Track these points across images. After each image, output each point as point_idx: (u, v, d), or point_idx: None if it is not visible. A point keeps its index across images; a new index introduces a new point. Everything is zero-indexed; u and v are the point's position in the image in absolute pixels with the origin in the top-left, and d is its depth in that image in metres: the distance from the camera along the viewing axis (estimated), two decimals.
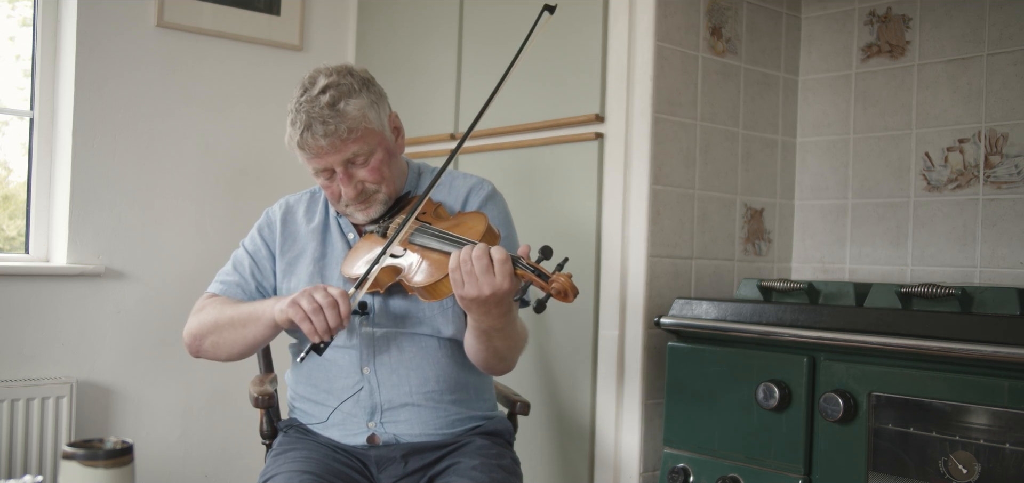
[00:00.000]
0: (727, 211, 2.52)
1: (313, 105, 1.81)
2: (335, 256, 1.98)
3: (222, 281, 2.02)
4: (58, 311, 2.84)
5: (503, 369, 1.91)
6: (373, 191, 1.90)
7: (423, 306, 1.90)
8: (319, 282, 1.94)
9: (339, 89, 1.83)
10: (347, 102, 1.82)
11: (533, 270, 1.59)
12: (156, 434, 3.01)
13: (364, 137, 1.84)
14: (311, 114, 1.81)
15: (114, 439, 1.29)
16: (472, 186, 2.00)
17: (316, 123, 1.80)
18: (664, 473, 2.18)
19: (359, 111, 1.83)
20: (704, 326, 2.14)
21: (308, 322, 1.72)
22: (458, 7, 2.86)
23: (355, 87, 1.85)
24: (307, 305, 1.72)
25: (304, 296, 1.73)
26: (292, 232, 2.02)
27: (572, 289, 1.56)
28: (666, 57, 2.35)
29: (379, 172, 1.88)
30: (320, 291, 1.73)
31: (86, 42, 2.87)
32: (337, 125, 1.80)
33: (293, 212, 2.05)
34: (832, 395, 1.88)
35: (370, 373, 1.90)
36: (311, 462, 1.83)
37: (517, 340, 1.84)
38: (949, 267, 2.39)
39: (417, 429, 1.91)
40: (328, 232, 2.01)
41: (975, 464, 1.71)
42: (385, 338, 1.90)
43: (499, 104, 2.70)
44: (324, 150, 1.82)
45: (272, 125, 3.23)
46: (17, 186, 3.03)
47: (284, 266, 2.00)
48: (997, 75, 2.33)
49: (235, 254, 2.06)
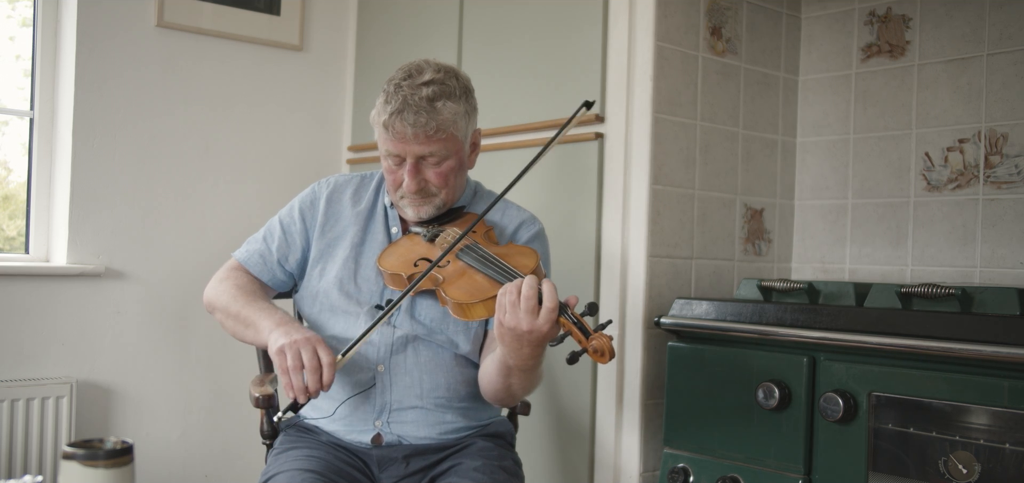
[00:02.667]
0: (727, 211, 2.52)
1: (414, 92, 1.83)
2: (374, 246, 1.97)
3: (248, 249, 2.03)
4: (58, 311, 2.84)
5: (508, 403, 1.91)
6: (434, 193, 1.91)
7: (447, 320, 1.89)
8: (353, 268, 1.94)
9: (442, 87, 1.85)
10: (446, 103, 1.84)
11: (576, 323, 1.59)
12: (156, 434, 3.01)
13: (447, 141, 1.86)
14: (409, 100, 1.82)
15: (114, 439, 1.29)
16: (524, 220, 2.01)
17: (409, 111, 1.82)
18: (664, 473, 2.18)
19: (452, 115, 1.85)
20: (704, 326, 2.14)
21: (286, 376, 1.70)
22: (458, 7, 2.86)
23: (457, 92, 1.87)
24: (291, 360, 1.69)
25: (292, 347, 1.70)
26: (336, 211, 2.02)
27: (610, 352, 1.55)
28: (666, 57, 2.35)
29: (445, 178, 1.90)
30: (308, 349, 1.70)
31: (86, 42, 2.87)
32: (429, 120, 1.82)
33: (340, 192, 2.04)
34: (832, 395, 1.88)
35: (384, 372, 1.90)
36: (313, 460, 1.83)
37: (533, 382, 1.82)
38: (949, 267, 2.39)
39: (422, 432, 1.90)
40: (373, 219, 2.01)
41: (975, 464, 1.71)
42: (403, 340, 1.90)
43: (499, 104, 2.71)
44: (407, 138, 1.84)
45: (272, 125, 3.24)
46: (17, 186, 3.03)
47: (323, 246, 1.99)
48: (997, 75, 2.33)
49: (269, 222, 2.05)
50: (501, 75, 2.71)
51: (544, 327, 1.58)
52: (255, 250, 2.02)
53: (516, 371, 1.72)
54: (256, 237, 2.05)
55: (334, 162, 3.36)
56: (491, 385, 1.84)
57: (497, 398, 1.87)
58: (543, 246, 2.00)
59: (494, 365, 1.78)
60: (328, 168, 3.32)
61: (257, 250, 2.02)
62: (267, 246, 2.02)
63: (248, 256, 2.02)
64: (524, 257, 1.81)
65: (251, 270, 2.01)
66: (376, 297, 1.92)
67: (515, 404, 1.91)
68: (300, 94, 3.29)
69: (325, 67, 3.35)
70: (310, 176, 3.20)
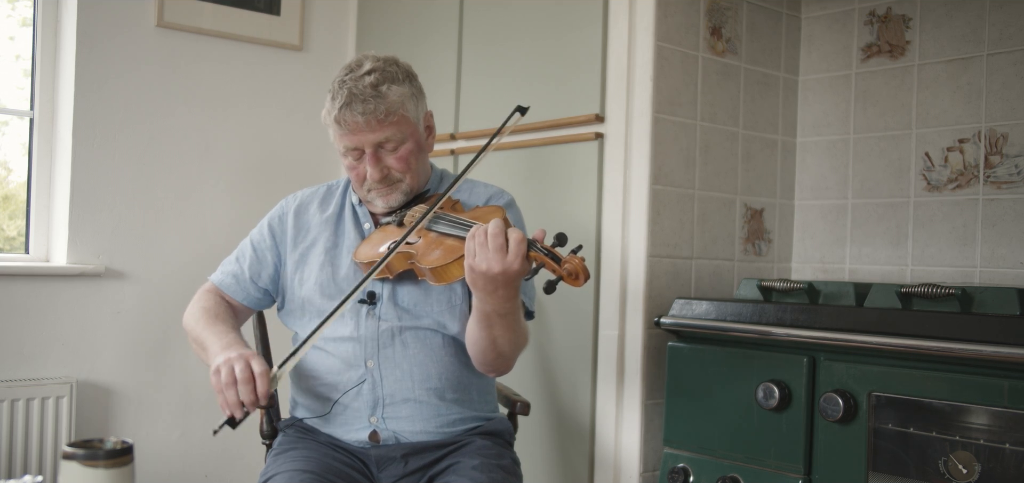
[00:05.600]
0: (727, 211, 2.52)
1: (357, 83, 1.87)
2: (347, 245, 2.00)
3: (222, 270, 2.07)
4: (58, 311, 2.84)
5: (501, 367, 1.90)
6: (397, 179, 1.94)
7: (431, 300, 1.92)
8: (331, 271, 1.97)
9: (384, 74, 1.89)
10: (389, 87, 1.88)
11: (546, 253, 1.61)
12: (156, 434, 3.01)
13: (399, 124, 1.90)
14: (353, 91, 1.86)
15: (114, 439, 1.29)
16: (492, 194, 2.03)
17: (356, 101, 1.86)
18: (664, 473, 2.18)
19: (399, 98, 1.89)
20: (704, 326, 2.14)
21: (220, 395, 1.71)
22: (458, 7, 2.86)
23: (399, 76, 1.92)
24: (224, 377, 1.70)
25: (226, 365, 1.71)
26: (304, 222, 2.05)
27: (583, 272, 1.56)
28: (666, 57, 2.35)
29: (406, 162, 1.93)
30: (240, 363, 1.71)
31: (86, 42, 2.87)
32: (376, 106, 1.86)
33: (307, 204, 2.08)
34: (832, 395, 1.88)
35: (374, 367, 1.91)
36: (312, 461, 1.83)
37: (518, 336, 1.83)
38: (949, 267, 2.39)
39: (418, 426, 1.91)
40: (342, 221, 2.04)
41: (975, 464, 1.71)
42: (389, 332, 1.91)
43: (499, 104, 2.71)
44: (359, 128, 1.87)
45: (272, 125, 3.24)
46: (17, 186, 3.03)
47: (297, 258, 2.02)
48: (997, 75, 2.33)
49: (242, 244, 2.09)
50: (501, 75, 2.71)
51: (515, 264, 1.60)
52: (229, 271, 2.06)
53: (495, 317, 1.74)
54: (230, 259, 2.08)
55: (334, 162, 3.36)
56: (477, 343, 1.84)
57: (487, 359, 1.86)
58: (514, 215, 2.01)
59: (474, 319, 1.80)
60: (328, 168, 3.32)
61: (231, 271, 2.06)
62: (239, 266, 2.05)
63: (223, 278, 2.06)
64: (489, 212, 1.84)
65: (226, 292, 2.05)
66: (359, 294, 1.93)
67: (507, 366, 1.89)
68: (300, 94, 3.29)
69: (325, 67, 3.35)
70: (309, 177, 3.20)
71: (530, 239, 1.63)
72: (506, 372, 1.94)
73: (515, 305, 1.73)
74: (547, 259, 1.60)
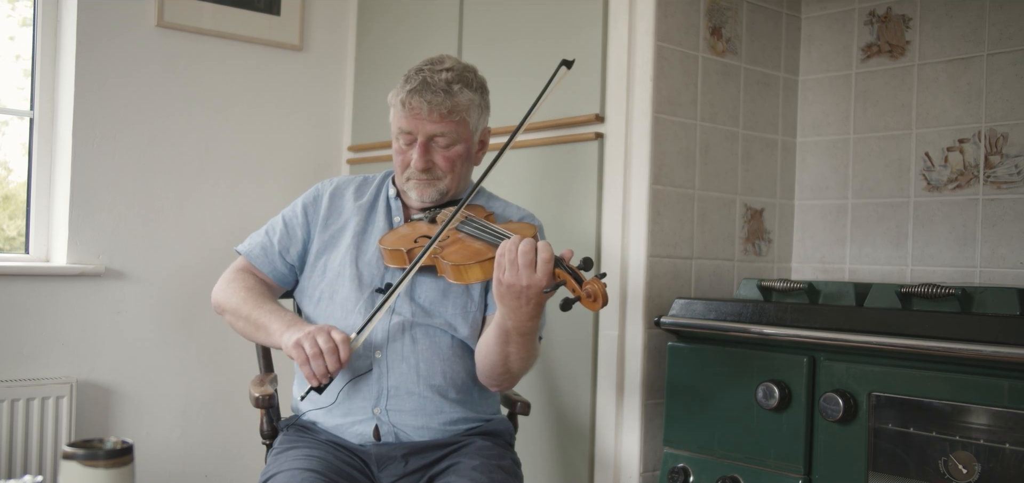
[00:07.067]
0: (727, 211, 2.52)
1: (433, 74, 1.94)
2: (376, 233, 2.04)
3: (250, 240, 2.11)
4: (58, 311, 2.84)
5: (506, 384, 1.94)
6: (439, 177, 1.99)
7: (447, 301, 1.94)
8: (355, 254, 2.00)
9: (460, 76, 1.97)
10: (462, 89, 1.95)
11: (570, 272, 1.65)
12: (156, 434, 3.01)
13: (458, 125, 1.96)
14: (428, 80, 1.93)
15: (114, 439, 1.29)
16: (524, 215, 2.10)
17: (427, 90, 1.92)
18: (664, 473, 2.18)
19: (467, 102, 1.96)
20: (704, 326, 2.14)
21: (307, 366, 1.78)
22: (458, 7, 2.86)
23: (473, 83, 2.00)
24: (309, 348, 1.77)
25: (308, 338, 1.78)
26: (339, 206, 2.09)
27: (603, 296, 1.61)
28: (666, 57, 2.35)
29: (452, 163, 1.98)
30: (323, 334, 1.78)
31: (86, 42, 2.87)
32: (445, 99, 1.92)
33: (343, 189, 2.13)
34: (832, 395, 1.88)
35: (382, 358, 1.92)
36: (313, 459, 1.84)
37: (530, 357, 1.87)
38: (949, 267, 2.39)
39: (420, 421, 1.92)
40: (374, 211, 2.08)
41: (975, 464, 1.71)
42: (401, 326, 1.93)
43: (499, 104, 2.70)
44: (421, 115, 1.93)
45: (272, 125, 3.24)
46: (17, 186, 3.03)
47: (326, 240, 2.05)
48: (997, 75, 2.33)
49: (272, 220, 2.12)
50: (501, 75, 2.71)
51: (542, 280, 1.65)
52: (257, 241, 2.09)
53: (514, 335, 1.77)
54: (258, 232, 2.12)
55: (334, 162, 3.36)
56: (488, 358, 1.87)
57: (494, 374, 1.89)
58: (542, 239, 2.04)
59: (492, 333, 1.83)
60: (328, 168, 3.32)
61: (259, 242, 2.09)
62: (268, 239, 2.08)
63: (250, 247, 2.09)
64: (523, 229, 1.89)
65: (253, 261, 2.07)
66: (377, 281, 1.97)
67: (511, 384, 1.93)
68: (300, 94, 3.29)
69: (325, 67, 3.35)
70: (310, 176, 3.20)
71: (557, 256, 1.67)
72: (508, 389, 1.97)
73: (536, 325, 1.76)
74: (570, 278, 1.65)
